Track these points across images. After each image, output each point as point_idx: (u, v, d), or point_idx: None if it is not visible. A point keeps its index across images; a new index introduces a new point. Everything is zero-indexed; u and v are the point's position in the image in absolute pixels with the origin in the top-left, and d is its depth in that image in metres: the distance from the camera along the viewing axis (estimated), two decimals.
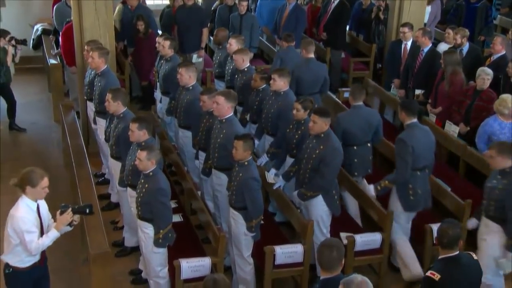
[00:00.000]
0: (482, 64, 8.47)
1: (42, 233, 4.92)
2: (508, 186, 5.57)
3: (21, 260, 4.89)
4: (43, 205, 5.01)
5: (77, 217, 4.96)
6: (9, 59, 9.16)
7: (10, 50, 9.20)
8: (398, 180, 6.26)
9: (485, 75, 7.58)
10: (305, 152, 6.12)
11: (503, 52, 8.55)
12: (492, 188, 5.69)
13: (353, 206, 6.93)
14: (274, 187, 6.57)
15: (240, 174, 5.65)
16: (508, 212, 5.54)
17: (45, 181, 4.85)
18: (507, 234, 5.60)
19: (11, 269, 4.92)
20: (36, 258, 4.96)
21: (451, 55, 8.09)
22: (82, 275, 5.84)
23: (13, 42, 9.25)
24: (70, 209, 4.89)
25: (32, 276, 5.00)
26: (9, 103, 9.51)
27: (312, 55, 8.29)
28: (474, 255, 4.70)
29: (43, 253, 5.03)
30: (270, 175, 6.71)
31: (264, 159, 6.97)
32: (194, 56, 10.07)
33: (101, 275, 5.41)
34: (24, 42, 9.44)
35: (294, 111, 6.45)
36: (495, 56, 8.57)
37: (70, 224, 4.91)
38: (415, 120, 6.36)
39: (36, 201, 4.89)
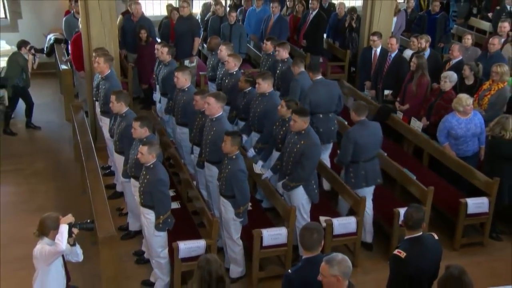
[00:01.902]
0: (441, 68, 8.54)
1: (64, 262, 4.83)
2: None
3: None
4: None
5: (76, 230, 4.77)
6: (29, 66, 9.08)
7: (30, 58, 9.13)
8: None
9: (443, 78, 7.66)
10: (287, 146, 6.10)
11: (460, 57, 8.59)
12: None
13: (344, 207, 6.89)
14: (263, 178, 6.54)
15: (229, 167, 5.62)
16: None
17: (60, 218, 4.70)
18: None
19: None
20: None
21: (421, 59, 8.14)
22: (91, 256, 5.79)
23: (32, 51, 9.18)
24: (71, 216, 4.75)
25: None
26: (27, 105, 9.47)
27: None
28: (435, 236, 4.70)
29: (68, 280, 4.91)
30: (258, 167, 6.70)
31: (251, 153, 6.94)
32: (186, 61, 10.02)
33: (108, 256, 5.37)
34: (42, 51, 9.39)
35: (279, 107, 6.46)
36: (453, 61, 8.60)
37: (70, 236, 4.69)
38: (319, 77, 7.38)
39: None
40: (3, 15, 11.87)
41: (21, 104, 9.56)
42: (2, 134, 9.26)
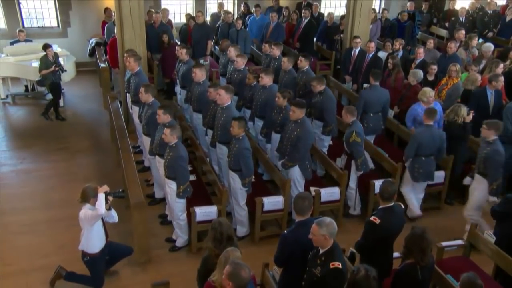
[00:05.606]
0: (410, 66, 8.37)
1: (103, 223, 4.87)
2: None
3: (94, 245, 4.80)
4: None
5: (111, 198, 4.81)
6: (47, 70, 8.69)
7: (52, 68, 8.69)
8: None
9: (411, 74, 7.56)
10: (286, 132, 5.98)
11: (423, 57, 8.45)
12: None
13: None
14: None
15: (237, 146, 5.51)
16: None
17: (98, 188, 4.69)
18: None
19: (88, 257, 4.85)
20: (103, 243, 4.88)
21: (396, 59, 8.07)
22: (125, 218, 5.72)
23: (57, 68, 8.77)
24: (106, 186, 4.76)
25: (103, 257, 4.94)
26: (54, 99, 9.12)
27: None
28: (402, 205, 4.62)
29: (107, 237, 4.95)
30: (268, 149, 6.60)
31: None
32: (201, 60, 9.85)
33: (139, 218, 5.30)
34: (62, 69, 8.99)
35: (276, 98, 6.33)
36: (417, 61, 8.46)
37: (106, 202, 4.71)
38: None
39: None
40: (55, 24, 11.80)
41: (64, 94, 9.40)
42: (55, 119, 9.19)
